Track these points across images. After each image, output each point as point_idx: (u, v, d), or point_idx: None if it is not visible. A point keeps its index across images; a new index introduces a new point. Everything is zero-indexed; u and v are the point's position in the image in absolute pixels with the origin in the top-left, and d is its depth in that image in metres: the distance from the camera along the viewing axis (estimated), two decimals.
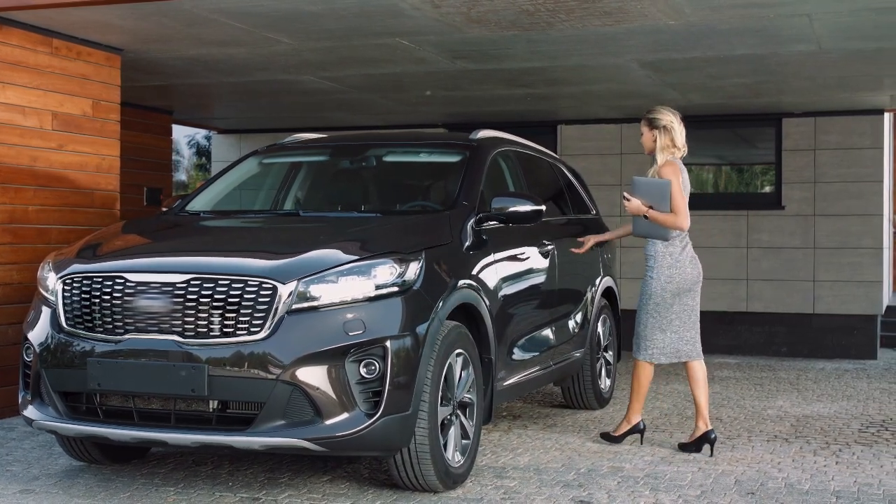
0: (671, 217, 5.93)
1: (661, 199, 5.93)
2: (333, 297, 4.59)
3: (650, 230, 6.00)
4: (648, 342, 6.05)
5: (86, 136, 7.59)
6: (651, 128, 6.11)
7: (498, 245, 5.70)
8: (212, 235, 5.65)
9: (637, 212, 5.98)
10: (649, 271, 6.06)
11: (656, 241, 6.03)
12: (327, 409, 4.48)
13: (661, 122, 6.07)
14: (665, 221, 5.94)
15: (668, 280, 6.00)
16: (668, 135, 6.06)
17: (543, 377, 6.46)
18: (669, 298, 6.00)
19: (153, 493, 4.99)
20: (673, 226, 5.95)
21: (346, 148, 6.87)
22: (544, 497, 4.94)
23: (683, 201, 5.96)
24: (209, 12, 6.74)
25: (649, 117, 6.13)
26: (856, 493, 5.10)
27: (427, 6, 6.54)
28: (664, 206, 5.93)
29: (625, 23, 6.93)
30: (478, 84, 9.44)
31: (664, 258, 6.01)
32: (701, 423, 6.07)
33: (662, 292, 6.00)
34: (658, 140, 6.08)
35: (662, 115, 6.10)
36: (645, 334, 6.06)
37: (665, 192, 5.92)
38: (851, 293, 10.97)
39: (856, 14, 6.72)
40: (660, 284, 6.00)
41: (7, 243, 6.97)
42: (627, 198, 6.01)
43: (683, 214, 5.94)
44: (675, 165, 6.03)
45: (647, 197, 5.97)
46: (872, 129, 10.94)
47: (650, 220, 5.95)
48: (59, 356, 4.82)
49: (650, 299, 6.03)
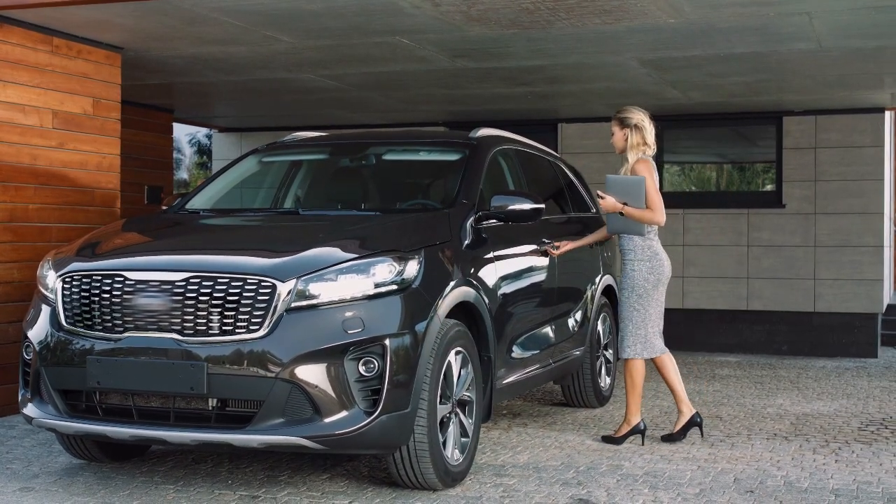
0: (648, 213, 6.05)
1: (636, 195, 6.05)
2: (332, 296, 4.59)
3: (626, 226, 6.11)
4: (634, 338, 6.12)
5: (86, 135, 7.60)
6: (622, 127, 6.23)
7: (497, 243, 5.71)
8: (211, 234, 5.66)
9: (612, 209, 6.08)
10: (629, 265, 6.16)
11: (633, 236, 6.13)
12: (326, 408, 4.49)
13: (631, 121, 6.19)
14: (642, 217, 6.05)
15: (650, 272, 6.11)
16: (639, 133, 6.18)
17: (543, 375, 6.46)
18: (651, 290, 6.12)
19: (153, 490, 4.99)
20: (650, 221, 6.07)
21: (346, 146, 6.87)
22: (543, 495, 4.95)
23: (659, 197, 6.10)
24: (209, 11, 6.74)
25: (620, 116, 6.26)
26: (854, 491, 5.10)
27: (427, 4, 6.54)
28: (639, 203, 6.05)
29: (625, 21, 6.93)
30: (478, 82, 9.44)
31: (644, 251, 6.13)
32: (685, 409, 6.21)
33: (645, 283, 6.11)
34: (630, 138, 6.20)
35: (633, 114, 6.22)
36: (631, 331, 6.13)
37: (640, 189, 6.04)
38: (852, 291, 10.97)
39: (855, 12, 6.72)
40: (642, 276, 6.11)
41: (7, 242, 6.97)
42: (602, 196, 6.11)
43: (660, 210, 6.07)
44: (647, 163, 6.17)
45: (622, 194, 6.07)
46: (873, 128, 10.94)
47: (626, 216, 6.05)
48: (59, 354, 4.83)
49: (632, 293, 6.12)
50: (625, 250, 6.20)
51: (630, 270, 6.14)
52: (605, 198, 6.08)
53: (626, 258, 6.18)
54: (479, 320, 5.34)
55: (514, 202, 5.63)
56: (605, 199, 6.08)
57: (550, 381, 6.99)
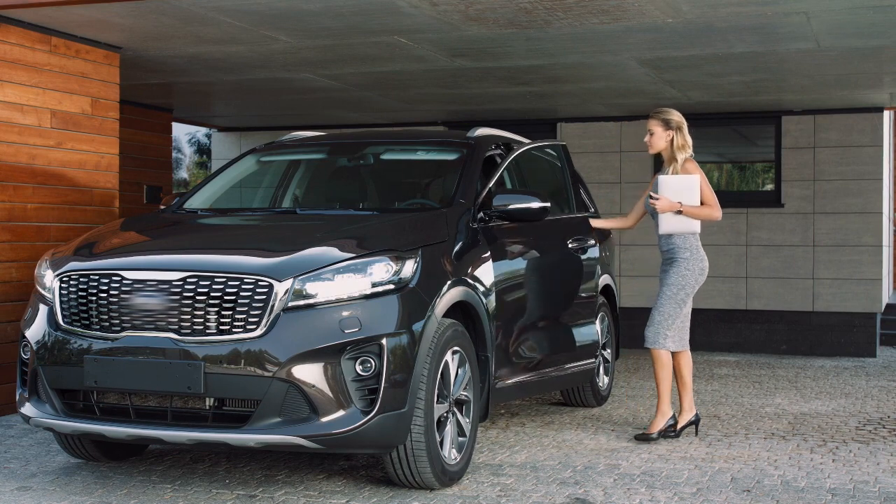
0: (706, 209, 6.20)
1: (690, 194, 6.15)
2: (329, 295, 4.59)
3: (680, 225, 6.19)
4: (669, 331, 6.22)
5: (85, 134, 7.60)
6: (667, 128, 6.28)
7: (495, 242, 5.71)
8: (209, 233, 5.66)
9: (669, 208, 6.14)
10: (684, 263, 6.21)
11: (688, 235, 6.22)
12: (323, 407, 4.49)
13: (676, 123, 6.27)
14: (700, 214, 6.19)
15: (701, 272, 6.27)
16: (681, 134, 6.28)
17: (550, 382, 6.44)
18: (695, 289, 6.27)
19: (150, 490, 5.00)
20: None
21: (344, 146, 6.88)
22: (540, 494, 4.95)
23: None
24: (207, 10, 6.75)
25: (664, 118, 6.29)
26: (851, 490, 5.10)
27: (425, 4, 6.55)
28: (693, 202, 6.15)
29: (623, 21, 6.93)
30: (477, 82, 9.44)
31: (697, 251, 6.26)
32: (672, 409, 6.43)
33: (696, 284, 6.25)
34: (675, 139, 6.27)
35: (674, 115, 6.31)
36: (668, 324, 6.21)
37: (695, 188, 6.16)
38: (851, 291, 10.98)
39: (853, 12, 6.72)
40: (694, 276, 6.23)
41: (6, 241, 6.98)
42: (656, 197, 6.13)
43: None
44: (695, 162, 6.31)
45: (674, 194, 6.14)
46: (872, 127, 10.94)
47: (686, 214, 6.14)
48: (56, 353, 4.83)
49: (681, 290, 6.20)
50: (676, 248, 6.23)
51: (683, 269, 6.20)
52: (660, 198, 6.13)
53: (679, 256, 6.22)
54: (476, 319, 5.34)
55: (517, 201, 5.63)
56: (659, 199, 6.13)
57: (560, 388, 6.96)
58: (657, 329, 6.23)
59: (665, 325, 6.21)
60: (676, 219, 6.17)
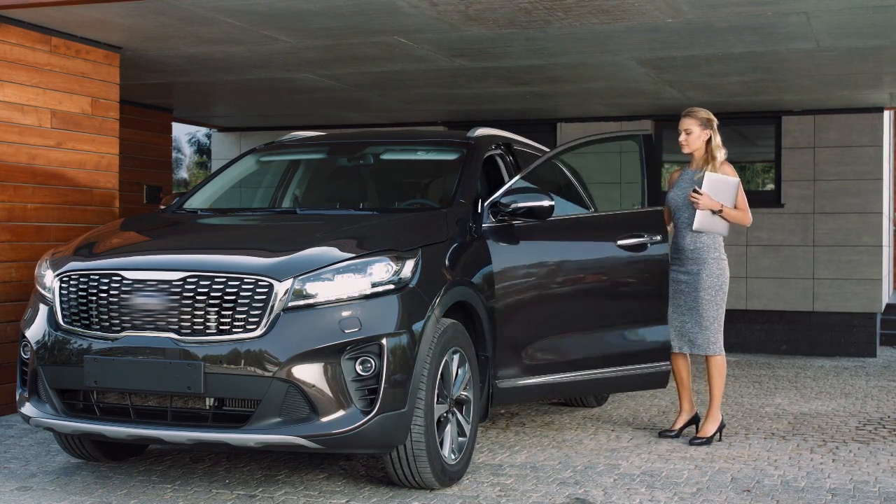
0: (740, 213, 6.20)
1: (728, 196, 6.14)
2: (329, 295, 4.59)
3: (712, 225, 6.16)
4: (719, 334, 6.21)
5: (85, 134, 7.60)
6: (704, 127, 6.25)
7: (496, 242, 5.69)
8: (209, 233, 5.66)
9: (710, 207, 6.10)
10: (715, 263, 6.18)
11: (718, 235, 6.20)
12: (323, 407, 4.50)
13: (713, 122, 6.26)
14: (735, 217, 6.18)
15: (728, 271, 6.26)
16: (717, 134, 6.28)
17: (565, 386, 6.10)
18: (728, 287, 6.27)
19: (150, 490, 5.00)
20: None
21: (344, 146, 6.87)
22: (540, 494, 4.95)
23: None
24: (207, 10, 6.75)
25: (701, 117, 6.26)
26: (851, 490, 5.10)
27: (425, 4, 6.55)
28: (730, 203, 6.14)
29: (622, 21, 6.93)
30: (477, 82, 9.44)
31: (724, 251, 6.26)
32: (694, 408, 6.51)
33: (727, 281, 6.23)
34: (713, 139, 6.25)
35: (710, 114, 6.28)
36: (716, 327, 6.19)
37: (734, 191, 6.15)
38: (851, 291, 10.98)
39: (853, 12, 6.72)
40: (725, 274, 6.23)
41: (6, 241, 6.98)
42: (700, 192, 6.10)
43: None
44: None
45: (715, 193, 6.12)
46: (872, 127, 10.94)
47: (725, 216, 6.13)
48: (56, 353, 4.83)
49: (720, 290, 6.19)
50: (706, 248, 6.17)
51: (717, 269, 6.16)
52: (703, 195, 6.10)
53: (709, 256, 6.17)
54: (477, 319, 5.33)
55: (528, 199, 5.58)
56: (702, 196, 6.09)
57: (580, 394, 6.87)
58: (707, 335, 6.16)
59: (713, 329, 6.16)
60: (712, 218, 6.13)
